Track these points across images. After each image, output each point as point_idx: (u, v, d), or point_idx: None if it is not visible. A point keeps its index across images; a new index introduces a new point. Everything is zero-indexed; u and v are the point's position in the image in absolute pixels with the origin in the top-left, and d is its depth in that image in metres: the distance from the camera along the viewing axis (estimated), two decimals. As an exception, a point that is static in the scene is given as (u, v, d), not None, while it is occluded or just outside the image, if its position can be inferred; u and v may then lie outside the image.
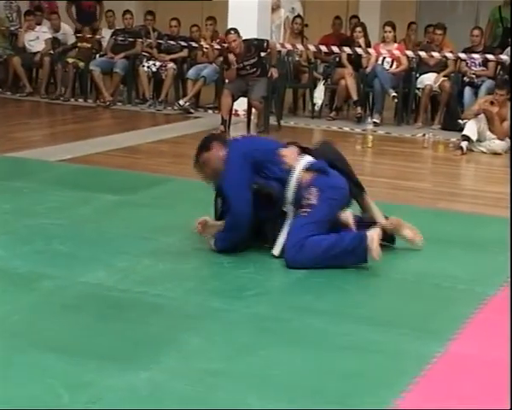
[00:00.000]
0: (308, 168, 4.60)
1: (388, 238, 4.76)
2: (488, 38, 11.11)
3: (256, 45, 9.20)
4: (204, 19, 11.84)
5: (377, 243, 4.37)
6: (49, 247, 4.65)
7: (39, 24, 12.13)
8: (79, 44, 11.88)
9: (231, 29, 9.09)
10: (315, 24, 12.74)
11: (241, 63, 9.13)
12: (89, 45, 11.84)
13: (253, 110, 9.39)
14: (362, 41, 10.53)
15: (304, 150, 4.77)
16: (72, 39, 12.19)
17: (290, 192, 4.57)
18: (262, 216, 4.58)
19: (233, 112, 9.51)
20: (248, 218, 4.49)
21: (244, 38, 9.09)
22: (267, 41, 9.37)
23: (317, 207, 4.50)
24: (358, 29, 10.68)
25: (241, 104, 9.62)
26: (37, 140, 8.39)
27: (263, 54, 9.30)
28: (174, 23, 11.42)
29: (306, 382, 3.09)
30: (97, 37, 12.11)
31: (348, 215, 4.63)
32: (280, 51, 10.15)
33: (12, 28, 12.63)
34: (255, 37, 9.34)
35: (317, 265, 4.38)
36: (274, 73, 9.28)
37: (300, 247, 4.38)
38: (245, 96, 9.34)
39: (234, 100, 9.27)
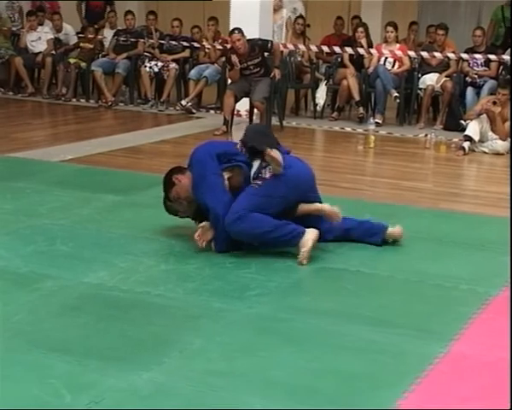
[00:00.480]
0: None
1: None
2: (490, 38, 11.11)
3: (260, 45, 9.20)
4: (206, 19, 11.85)
5: (309, 247, 4.46)
6: (51, 247, 4.65)
7: (41, 24, 12.15)
8: (82, 44, 11.89)
9: (235, 29, 9.09)
10: (317, 24, 12.74)
11: (244, 63, 9.13)
12: (91, 46, 11.85)
13: (256, 111, 9.39)
14: (364, 41, 10.53)
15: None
16: (74, 40, 12.21)
17: (253, 171, 4.66)
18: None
19: (235, 112, 9.52)
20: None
21: (248, 38, 9.09)
22: (271, 42, 9.37)
23: (268, 182, 4.57)
24: (360, 29, 10.68)
25: (243, 105, 9.62)
26: (39, 140, 8.40)
27: (266, 54, 9.29)
28: (176, 23, 11.43)
29: (308, 382, 3.09)
30: (99, 37, 12.11)
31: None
32: (282, 52, 10.14)
33: (14, 29, 12.64)
34: (257, 37, 9.33)
35: (248, 241, 4.52)
36: (277, 74, 9.28)
37: (240, 217, 4.44)
38: (248, 97, 9.34)
39: (237, 100, 9.27)
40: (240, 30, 9.06)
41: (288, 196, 4.64)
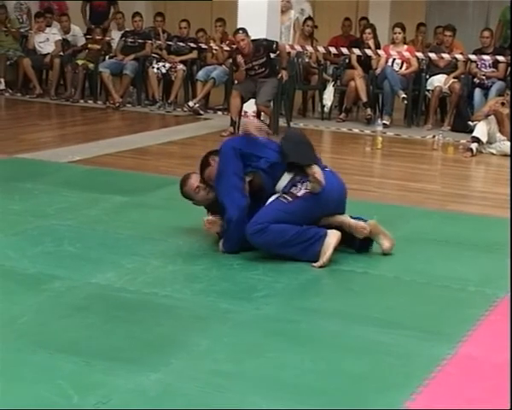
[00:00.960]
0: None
1: (363, 244, 4.73)
2: (499, 39, 11.08)
3: (265, 46, 9.19)
4: (213, 20, 11.86)
5: (332, 249, 4.45)
6: (58, 248, 4.66)
7: (49, 26, 12.18)
8: (89, 46, 11.91)
9: (240, 29, 9.10)
10: (324, 25, 12.73)
11: (249, 63, 9.13)
12: (98, 47, 11.87)
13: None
14: (371, 42, 10.52)
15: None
16: (81, 41, 12.23)
17: (282, 183, 4.62)
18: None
19: (242, 113, 9.51)
20: (241, 222, 4.49)
21: (253, 38, 9.09)
22: (276, 42, 9.35)
23: (299, 201, 4.52)
24: (368, 31, 10.67)
25: (250, 105, 9.61)
26: (47, 141, 8.42)
27: (272, 55, 9.29)
28: (184, 25, 11.45)
29: (315, 383, 3.08)
30: (107, 38, 12.13)
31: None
32: (289, 53, 10.14)
33: (22, 30, 12.67)
34: (264, 37, 9.33)
35: (271, 251, 4.49)
36: (284, 75, 9.27)
37: (263, 229, 4.41)
38: (254, 98, 9.34)
39: (243, 101, 9.27)
40: (244, 30, 9.06)
41: (316, 214, 4.60)
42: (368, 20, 11.80)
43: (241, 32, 9.05)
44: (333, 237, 4.49)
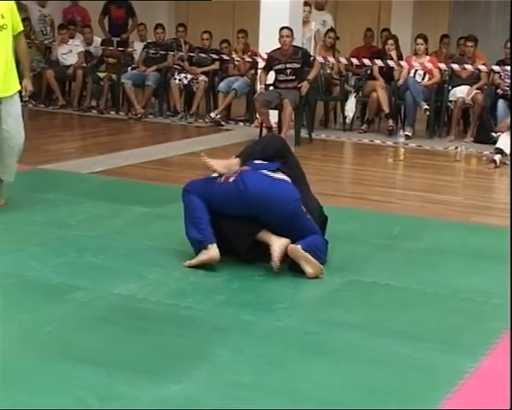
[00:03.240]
0: None
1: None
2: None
3: (303, 52, 9.39)
4: (235, 31, 11.88)
5: (193, 263, 4.52)
6: (81, 259, 4.67)
7: (72, 37, 12.26)
8: (105, 59, 11.97)
9: (286, 27, 9.27)
10: (346, 36, 12.73)
11: (284, 63, 9.19)
12: (114, 60, 11.92)
13: (283, 120, 9.28)
14: (394, 53, 10.50)
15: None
16: (101, 52, 12.30)
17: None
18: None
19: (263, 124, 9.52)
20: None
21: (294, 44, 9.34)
22: (314, 57, 9.60)
23: (224, 184, 4.58)
24: (390, 42, 10.66)
25: (271, 117, 9.62)
26: (70, 152, 8.46)
27: (305, 67, 9.39)
28: (206, 36, 11.48)
29: (336, 395, 3.07)
30: (129, 50, 12.19)
31: None
32: (320, 71, 10.20)
33: (46, 42, 12.77)
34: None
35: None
36: (304, 87, 9.28)
37: (187, 192, 4.73)
38: (276, 109, 9.35)
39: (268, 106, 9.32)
40: (290, 29, 9.24)
41: (234, 205, 4.54)
42: (390, 32, 11.78)
43: (286, 29, 9.22)
44: (205, 255, 4.50)
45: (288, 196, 4.52)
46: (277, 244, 4.44)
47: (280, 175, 4.63)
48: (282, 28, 9.24)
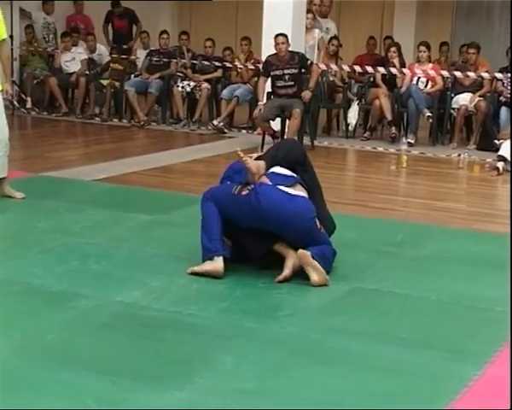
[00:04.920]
0: None
1: None
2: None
3: (300, 57, 9.37)
4: (238, 39, 11.90)
5: (196, 270, 4.53)
6: (84, 266, 4.68)
7: (75, 45, 12.29)
8: (111, 65, 12.00)
9: (281, 34, 9.25)
10: (349, 44, 12.74)
11: (281, 69, 9.21)
12: (121, 67, 11.94)
13: (290, 129, 9.28)
14: (396, 61, 10.51)
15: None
16: (107, 60, 12.31)
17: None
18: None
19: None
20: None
21: (291, 50, 9.32)
22: (312, 62, 9.57)
23: (238, 197, 4.58)
24: (393, 49, 10.67)
25: (275, 124, 9.63)
26: (73, 159, 8.47)
27: (303, 71, 9.40)
28: (209, 43, 11.50)
29: (340, 403, 3.07)
30: (132, 57, 12.22)
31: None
32: (320, 75, 10.19)
33: (49, 49, 12.79)
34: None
35: None
36: (307, 95, 9.29)
37: (205, 201, 4.73)
38: (279, 117, 9.37)
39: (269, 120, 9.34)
40: (285, 35, 9.24)
41: (248, 217, 4.53)
42: (393, 39, 11.79)
43: (282, 36, 9.22)
44: (209, 266, 4.52)
45: (304, 214, 4.53)
46: (292, 262, 4.45)
47: (298, 190, 4.63)
48: (277, 35, 9.22)
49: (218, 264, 4.50)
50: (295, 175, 4.72)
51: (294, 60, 9.27)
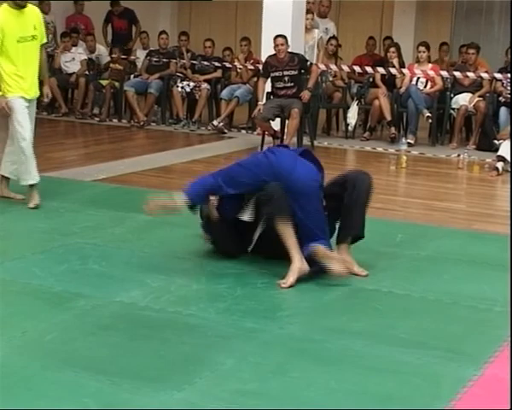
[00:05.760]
0: None
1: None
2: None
3: (300, 58, 9.37)
4: (238, 39, 11.90)
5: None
6: (84, 266, 4.68)
7: (75, 45, 12.28)
8: (111, 65, 12.00)
9: (280, 35, 9.27)
10: (348, 44, 12.75)
11: (280, 71, 9.22)
12: (120, 67, 11.94)
13: (289, 129, 9.28)
14: (396, 61, 10.51)
15: None
16: (106, 60, 12.32)
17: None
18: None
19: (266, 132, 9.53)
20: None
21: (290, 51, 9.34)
22: (311, 63, 9.54)
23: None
24: (392, 49, 10.67)
25: (274, 125, 9.63)
26: (73, 160, 8.47)
27: (303, 72, 9.40)
28: (208, 44, 11.51)
29: (340, 403, 3.07)
30: (132, 57, 12.22)
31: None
32: (319, 76, 10.21)
33: (48, 49, 12.77)
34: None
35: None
36: (306, 95, 9.29)
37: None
38: (278, 117, 9.37)
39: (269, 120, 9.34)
40: (285, 37, 9.25)
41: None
42: (392, 39, 11.79)
43: (281, 37, 9.23)
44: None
45: (310, 175, 4.66)
46: (298, 267, 4.45)
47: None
48: (277, 37, 9.23)
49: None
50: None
51: (294, 61, 9.28)
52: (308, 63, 9.47)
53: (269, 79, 9.44)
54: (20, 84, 6.10)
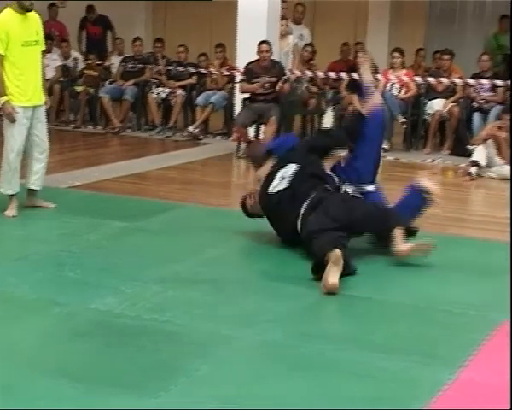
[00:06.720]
0: None
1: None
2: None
3: (280, 67, 9.53)
4: (213, 46, 11.90)
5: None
6: (59, 273, 4.66)
7: (49, 51, 12.19)
8: (86, 72, 11.95)
9: (265, 41, 9.37)
10: (323, 50, 12.77)
11: (263, 76, 9.26)
12: (95, 74, 11.90)
13: (266, 135, 9.30)
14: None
15: None
16: (81, 66, 12.26)
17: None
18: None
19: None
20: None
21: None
22: (288, 77, 9.78)
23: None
24: (361, 54, 10.68)
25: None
26: (48, 167, 8.38)
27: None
28: (181, 49, 11.49)
29: (316, 409, 3.07)
30: (106, 64, 12.18)
31: None
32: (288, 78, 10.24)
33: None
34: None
35: None
36: (285, 86, 9.41)
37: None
38: (255, 123, 9.40)
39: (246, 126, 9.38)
40: (269, 43, 9.37)
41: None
42: (362, 44, 11.85)
43: (265, 44, 9.33)
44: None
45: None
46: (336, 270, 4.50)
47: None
48: (262, 43, 9.30)
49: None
50: None
51: (275, 68, 9.37)
52: (286, 71, 9.57)
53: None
54: (23, 92, 6.09)
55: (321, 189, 5.17)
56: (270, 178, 5.34)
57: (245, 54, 9.46)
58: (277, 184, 5.24)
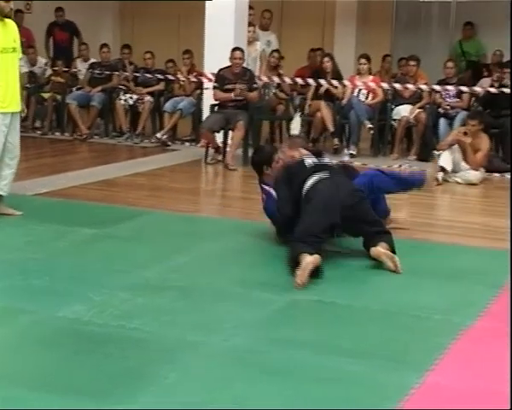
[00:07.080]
0: None
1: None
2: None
3: (251, 74, 9.62)
4: (180, 52, 11.90)
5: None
6: (25, 281, 4.62)
7: (16, 58, 12.12)
8: (53, 78, 11.89)
9: (238, 48, 9.44)
10: (290, 56, 12.82)
11: (234, 83, 9.31)
12: (62, 80, 11.84)
13: (234, 140, 9.32)
14: (330, 70, 10.56)
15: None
16: (48, 73, 12.19)
17: None
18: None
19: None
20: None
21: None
22: (257, 86, 9.84)
23: None
24: (326, 59, 10.74)
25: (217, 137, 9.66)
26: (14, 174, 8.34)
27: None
28: (148, 55, 11.49)
29: (285, 414, 3.09)
30: (73, 70, 12.12)
31: None
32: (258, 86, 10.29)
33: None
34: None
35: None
36: (254, 96, 9.52)
37: None
38: (223, 129, 9.41)
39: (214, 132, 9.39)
40: (242, 50, 9.45)
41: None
42: (323, 50, 11.93)
43: (239, 51, 9.39)
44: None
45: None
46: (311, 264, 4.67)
47: None
48: (235, 49, 9.33)
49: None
50: None
51: (246, 76, 9.43)
52: (255, 85, 9.67)
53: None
54: (1, 98, 6.06)
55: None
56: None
57: (212, 60, 9.49)
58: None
